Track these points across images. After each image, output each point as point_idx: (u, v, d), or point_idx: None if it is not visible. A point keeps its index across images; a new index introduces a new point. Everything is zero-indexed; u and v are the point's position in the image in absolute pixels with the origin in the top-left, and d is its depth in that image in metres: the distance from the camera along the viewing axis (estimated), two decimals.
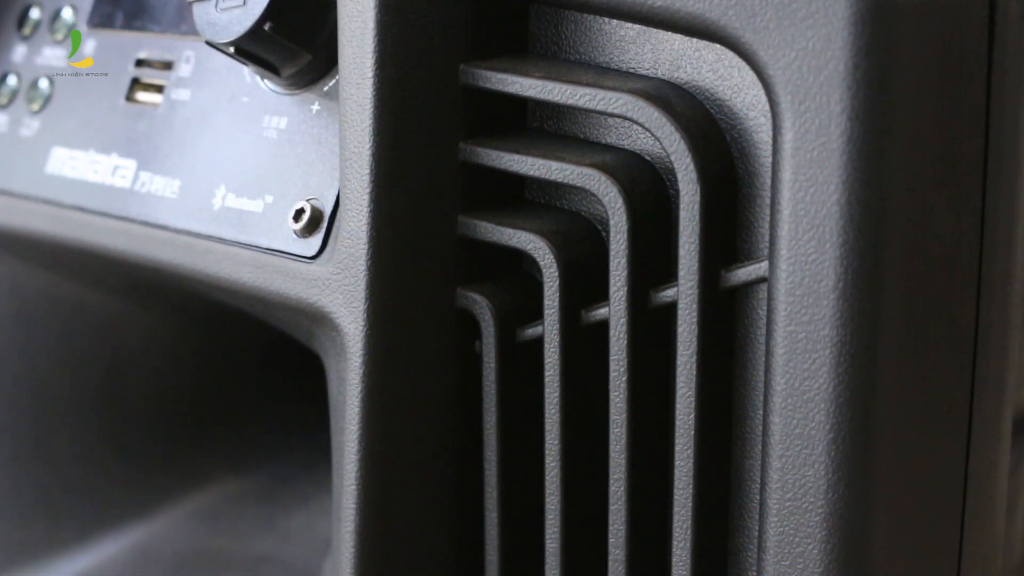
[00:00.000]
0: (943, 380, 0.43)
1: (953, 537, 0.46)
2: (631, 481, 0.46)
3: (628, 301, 0.45)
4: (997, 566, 0.49)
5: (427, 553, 0.50)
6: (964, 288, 0.43)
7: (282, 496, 0.68)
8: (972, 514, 0.46)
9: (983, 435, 0.46)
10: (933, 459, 0.44)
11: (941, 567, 0.46)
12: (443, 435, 0.50)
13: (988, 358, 0.45)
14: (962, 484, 0.46)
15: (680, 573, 0.46)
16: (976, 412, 0.45)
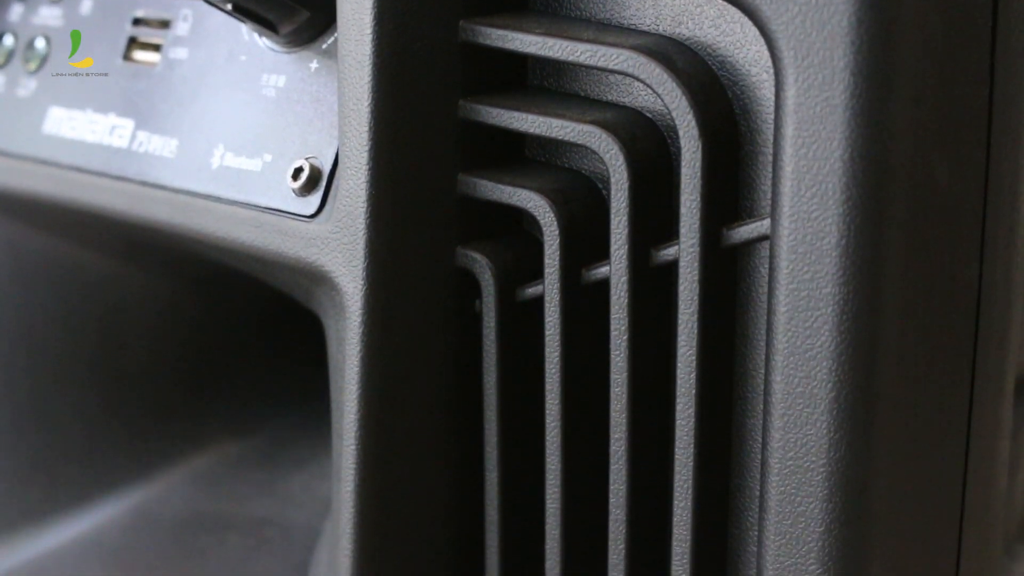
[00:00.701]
0: (945, 339, 0.43)
1: (955, 496, 0.46)
2: (632, 440, 0.46)
3: (629, 259, 0.45)
4: (998, 525, 0.49)
5: (427, 512, 0.50)
6: (967, 247, 0.43)
7: (281, 459, 0.68)
8: (974, 473, 0.46)
9: (985, 394, 0.45)
10: (935, 418, 0.44)
11: (943, 525, 0.46)
12: (443, 394, 0.49)
13: (991, 317, 0.44)
14: (964, 443, 0.45)
15: (681, 532, 0.46)
16: (979, 371, 0.45)
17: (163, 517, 0.66)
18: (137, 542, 0.65)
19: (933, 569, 0.46)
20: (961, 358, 0.44)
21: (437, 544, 0.51)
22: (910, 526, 0.44)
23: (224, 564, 0.62)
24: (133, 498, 0.67)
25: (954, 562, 0.47)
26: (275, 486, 0.66)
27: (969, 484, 0.46)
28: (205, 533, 0.64)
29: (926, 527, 0.45)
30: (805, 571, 0.43)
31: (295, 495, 0.66)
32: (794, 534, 0.43)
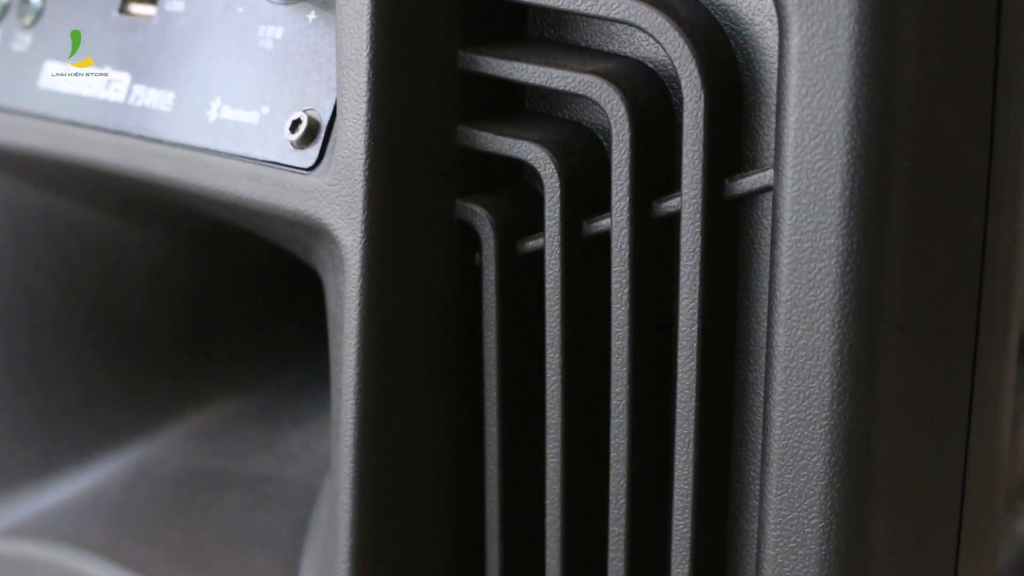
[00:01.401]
0: (950, 291, 0.43)
1: (958, 450, 0.45)
2: (633, 393, 0.46)
3: (630, 211, 0.44)
4: (1001, 481, 0.49)
5: (427, 467, 0.50)
6: (972, 198, 0.43)
7: (281, 416, 0.68)
8: (977, 428, 0.46)
9: (989, 348, 0.45)
10: (939, 371, 0.43)
11: (945, 480, 0.45)
12: (443, 348, 0.49)
13: (995, 268, 0.44)
14: (968, 398, 0.45)
15: (682, 487, 0.45)
16: (983, 324, 0.44)
17: (162, 474, 0.65)
18: (136, 499, 0.65)
19: (935, 524, 0.46)
20: (965, 310, 0.44)
21: (437, 498, 0.51)
22: (913, 481, 0.44)
23: (223, 521, 0.62)
24: (132, 455, 0.67)
25: (956, 517, 0.46)
26: (274, 443, 0.66)
27: (972, 438, 0.46)
28: (204, 490, 0.64)
29: (929, 482, 0.45)
30: (807, 525, 0.43)
31: (295, 452, 0.65)
32: (796, 488, 0.43)
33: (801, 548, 0.43)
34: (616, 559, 0.47)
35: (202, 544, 0.61)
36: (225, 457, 0.66)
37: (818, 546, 0.43)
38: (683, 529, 0.46)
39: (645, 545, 0.48)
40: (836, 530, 0.42)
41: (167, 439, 0.67)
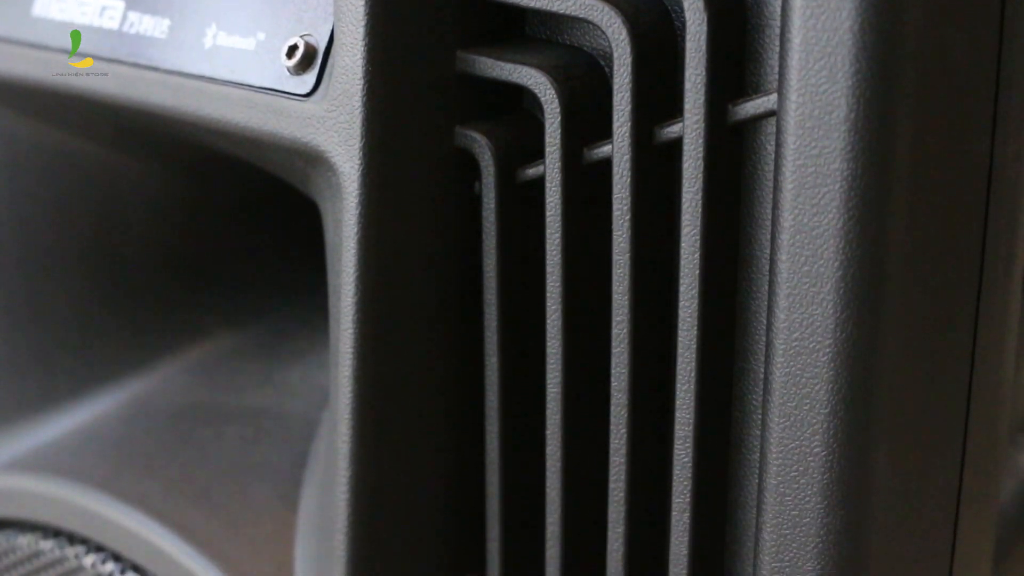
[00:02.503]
0: (956, 217, 0.42)
1: (962, 381, 0.45)
2: (634, 321, 0.45)
3: (632, 137, 0.44)
4: (1005, 412, 0.49)
5: (426, 396, 0.50)
6: (979, 124, 0.42)
7: (279, 350, 0.67)
8: (981, 359, 0.45)
9: (995, 276, 0.45)
10: (944, 300, 0.43)
11: (949, 411, 0.45)
12: (442, 278, 0.48)
13: (1001, 197, 0.43)
14: (972, 328, 0.45)
15: (683, 416, 0.45)
16: (988, 252, 0.44)
17: (161, 408, 0.65)
18: (135, 433, 0.64)
19: (938, 455, 0.45)
20: (971, 237, 0.43)
21: (437, 426, 0.50)
22: (916, 411, 0.44)
23: (222, 454, 0.62)
24: (131, 389, 0.67)
25: (960, 449, 0.46)
26: (273, 377, 0.66)
27: (976, 369, 0.45)
28: (203, 424, 0.64)
29: (933, 412, 0.44)
30: (809, 454, 0.42)
31: (293, 386, 0.65)
32: (798, 416, 0.42)
33: (803, 477, 0.43)
34: (617, 490, 0.47)
35: (201, 477, 0.61)
36: (224, 391, 0.66)
37: (820, 475, 0.42)
38: (684, 459, 0.45)
39: (644, 480, 0.48)
40: (839, 459, 0.42)
41: (165, 373, 0.67)
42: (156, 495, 0.60)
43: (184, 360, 0.67)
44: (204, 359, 0.67)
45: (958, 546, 0.47)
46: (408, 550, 0.52)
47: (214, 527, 0.58)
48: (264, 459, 0.61)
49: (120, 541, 0.60)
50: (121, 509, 0.60)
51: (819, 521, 0.43)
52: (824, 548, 0.43)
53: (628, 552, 0.47)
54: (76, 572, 0.62)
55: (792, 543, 0.43)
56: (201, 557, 0.57)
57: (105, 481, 0.62)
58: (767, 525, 0.43)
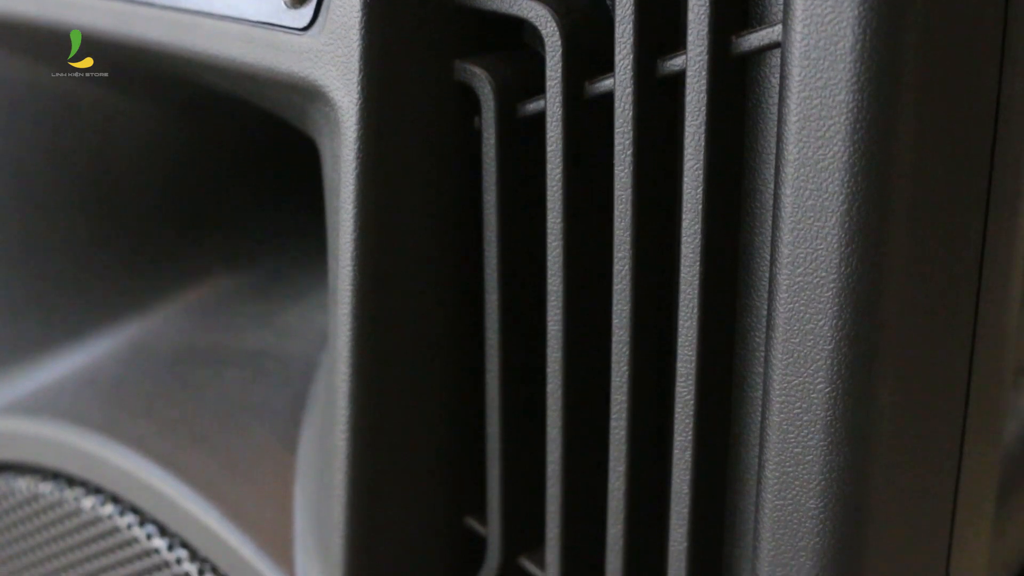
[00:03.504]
0: (962, 152, 0.41)
1: (967, 322, 0.45)
2: (636, 256, 0.45)
3: (634, 70, 0.43)
4: (1009, 355, 0.48)
5: (426, 332, 0.49)
6: (987, 54, 0.41)
7: (278, 292, 0.67)
8: (987, 298, 0.45)
9: (1001, 217, 0.44)
10: (950, 236, 0.42)
11: (954, 349, 0.44)
12: (441, 214, 0.48)
13: (1009, 129, 0.43)
14: (978, 269, 0.44)
15: (686, 352, 0.44)
16: (995, 189, 0.43)
17: (159, 350, 0.65)
18: (133, 375, 0.64)
19: (943, 394, 0.45)
20: (977, 172, 0.42)
21: (436, 367, 0.50)
22: (921, 346, 0.43)
23: (221, 396, 0.61)
24: (128, 332, 0.66)
25: (964, 387, 0.46)
26: (272, 319, 0.65)
27: (981, 311, 0.45)
28: (202, 366, 0.63)
29: (937, 350, 0.44)
30: (812, 390, 0.42)
31: (292, 327, 0.65)
32: (802, 353, 0.42)
33: (807, 415, 0.42)
34: (618, 428, 0.47)
35: (200, 419, 0.61)
36: (222, 333, 0.65)
37: (824, 412, 0.42)
38: (686, 396, 0.45)
39: (645, 418, 0.47)
40: (842, 395, 0.42)
41: (163, 315, 0.67)
42: (154, 437, 0.60)
43: (182, 302, 0.67)
44: (202, 301, 0.67)
45: (962, 485, 0.47)
46: (407, 491, 0.52)
47: (213, 468, 0.58)
48: (263, 400, 0.60)
49: (118, 483, 0.60)
50: (119, 451, 0.60)
51: (822, 459, 0.42)
52: (827, 486, 0.42)
53: (630, 490, 0.47)
54: (74, 514, 0.62)
55: (795, 481, 0.43)
56: (200, 498, 0.57)
57: (103, 423, 0.62)
58: (770, 463, 0.43)
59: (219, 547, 0.56)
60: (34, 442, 0.64)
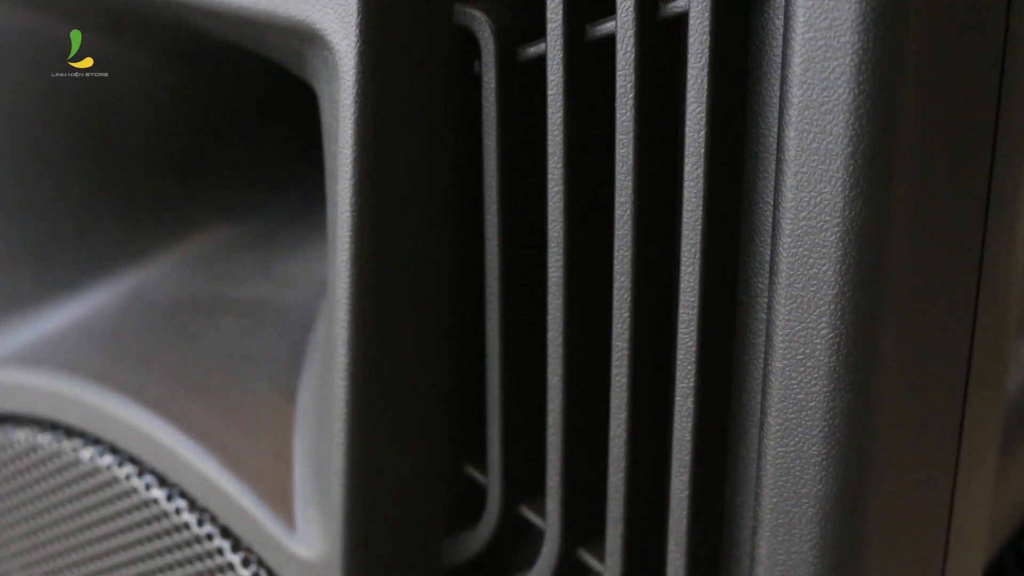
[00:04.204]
0: (969, 92, 0.41)
1: (973, 265, 0.44)
2: (638, 202, 0.44)
3: (636, 12, 0.42)
4: (1013, 305, 0.48)
5: (425, 280, 0.49)
6: None
7: (277, 242, 0.67)
8: (991, 250, 0.44)
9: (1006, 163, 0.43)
10: (957, 175, 0.42)
11: (958, 294, 0.44)
12: (440, 159, 0.47)
13: (1017, 70, 0.42)
14: (983, 217, 0.44)
15: (688, 298, 0.44)
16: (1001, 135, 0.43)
17: (157, 300, 0.64)
18: (131, 326, 0.64)
19: (947, 342, 0.45)
20: (984, 118, 0.42)
21: (437, 314, 0.49)
22: (926, 292, 0.43)
23: (220, 346, 0.61)
24: (126, 282, 0.66)
25: (968, 335, 0.45)
26: (270, 269, 0.65)
27: (987, 254, 0.44)
28: (200, 316, 0.63)
29: (942, 295, 0.43)
30: (816, 336, 0.42)
31: (291, 277, 0.64)
32: (805, 298, 0.41)
33: (810, 360, 0.42)
34: (619, 375, 0.46)
35: (198, 369, 0.60)
36: (221, 283, 0.65)
37: (827, 358, 0.42)
38: (688, 343, 0.44)
39: (647, 364, 0.47)
40: (846, 341, 0.41)
41: (161, 266, 0.66)
42: (153, 387, 0.60)
43: (180, 252, 0.66)
44: (201, 251, 0.66)
45: (965, 433, 0.47)
46: (407, 440, 0.51)
47: (212, 418, 0.58)
48: (262, 350, 0.60)
49: (117, 434, 0.60)
50: (118, 402, 0.60)
51: (825, 404, 0.42)
52: (830, 431, 0.42)
53: (631, 437, 0.47)
54: (73, 465, 0.62)
55: (797, 427, 0.42)
56: (199, 448, 0.57)
57: (102, 374, 0.61)
58: (772, 409, 0.43)
59: (218, 496, 0.56)
60: (32, 393, 0.63)
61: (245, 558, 0.56)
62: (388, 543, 0.52)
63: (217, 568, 0.57)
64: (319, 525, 0.53)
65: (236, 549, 0.56)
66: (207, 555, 0.57)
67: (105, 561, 0.62)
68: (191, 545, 0.58)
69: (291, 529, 0.54)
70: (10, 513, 0.67)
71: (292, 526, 0.54)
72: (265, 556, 0.55)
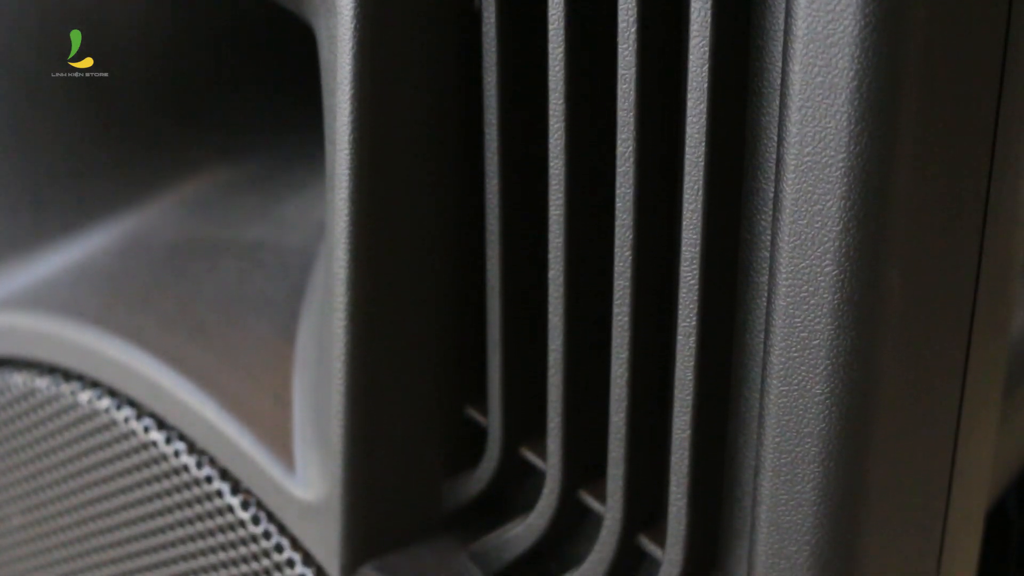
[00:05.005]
0: (978, 16, 0.40)
1: (978, 206, 0.44)
2: (640, 134, 0.44)
3: None
4: (1020, 244, 0.47)
5: (425, 221, 0.48)
6: None
7: (275, 184, 0.66)
8: (997, 188, 0.44)
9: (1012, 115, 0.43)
10: (962, 108, 0.41)
11: (964, 232, 0.44)
12: (440, 95, 0.47)
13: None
14: (990, 147, 0.43)
15: (691, 235, 0.43)
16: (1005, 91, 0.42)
17: (155, 243, 0.64)
18: (129, 268, 0.63)
19: (952, 280, 0.44)
20: (992, 45, 0.41)
21: (436, 254, 0.49)
22: (931, 229, 0.42)
23: (219, 288, 0.61)
24: (123, 225, 0.65)
25: (973, 275, 0.45)
26: (269, 211, 0.64)
27: (993, 193, 0.44)
28: (198, 258, 0.63)
29: (947, 233, 0.43)
30: (820, 273, 0.41)
31: (290, 219, 0.64)
32: (809, 235, 0.41)
33: (813, 298, 0.41)
34: (621, 313, 0.46)
35: (196, 311, 0.60)
36: (219, 225, 0.64)
37: (831, 295, 0.41)
38: (691, 281, 0.44)
39: (649, 302, 0.46)
40: (850, 278, 0.41)
41: (159, 208, 0.66)
42: (151, 329, 0.60)
43: (178, 195, 0.66)
44: (198, 194, 0.66)
45: (969, 374, 0.46)
46: (406, 380, 0.51)
47: (210, 360, 0.58)
48: (260, 292, 0.60)
49: (115, 377, 0.60)
50: (116, 344, 0.60)
51: (829, 343, 0.41)
52: (834, 369, 0.42)
53: (633, 378, 0.46)
54: (71, 409, 0.62)
55: (801, 365, 0.42)
56: (198, 390, 0.57)
57: (99, 317, 0.61)
58: (775, 347, 0.42)
59: (217, 439, 0.56)
60: (30, 336, 0.63)
61: (244, 500, 0.56)
62: (388, 485, 0.52)
63: (216, 510, 0.57)
64: (318, 467, 0.53)
65: (235, 491, 0.56)
66: (206, 497, 0.57)
67: (104, 504, 0.62)
68: (190, 487, 0.58)
69: (290, 471, 0.54)
70: (8, 457, 0.67)
71: (291, 468, 0.54)
72: (264, 498, 0.55)
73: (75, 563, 0.65)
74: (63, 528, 0.65)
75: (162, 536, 0.60)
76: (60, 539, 0.65)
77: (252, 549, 0.56)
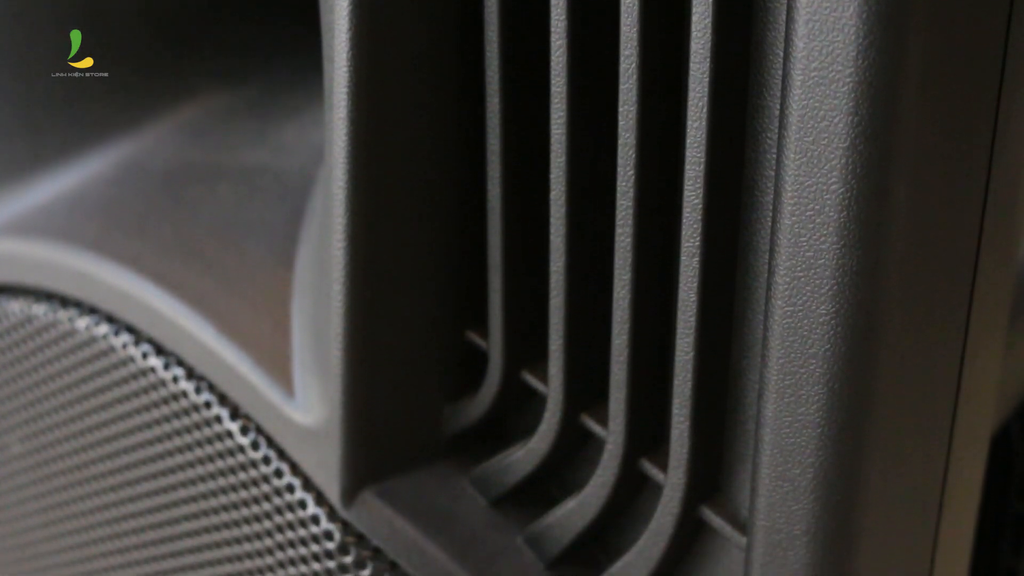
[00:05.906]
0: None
1: (987, 122, 0.43)
2: (643, 65, 0.43)
3: None
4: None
5: (424, 141, 0.48)
6: None
7: (273, 108, 0.65)
8: (1007, 99, 0.43)
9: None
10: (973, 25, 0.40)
11: (972, 153, 0.43)
12: (440, 10, 0.46)
13: None
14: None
15: (694, 154, 0.43)
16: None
17: (152, 168, 0.63)
18: (126, 194, 0.63)
19: (961, 196, 0.43)
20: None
21: (436, 174, 0.48)
22: (939, 147, 0.41)
23: (215, 213, 0.60)
24: (120, 150, 0.65)
25: (981, 195, 0.44)
26: (267, 135, 0.64)
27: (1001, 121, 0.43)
28: (195, 183, 0.62)
29: (955, 151, 0.42)
30: (826, 191, 0.40)
31: (288, 143, 0.63)
32: (815, 152, 0.40)
33: (819, 216, 0.41)
34: (623, 235, 0.45)
35: (194, 236, 0.59)
36: (216, 150, 0.64)
37: (837, 214, 0.40)
38: (694, 201, 0.43)
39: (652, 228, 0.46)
40: (856, 197, 0.40)
41: (156, 133, 0.65)
42: (149, 255, 0.59)
43: (175, 120, 0.65)
44: (195, 119, 0.65)
45: (976, 297, 0.46)
46: (406, 304, 0.51)
47: (208, 286, 0.57)
48: (259, 216, 0.59)
49: (113, 302, 0.59)
50: (113, 270, 0.59)
51: (835, 262, 0.41)
52: (839, 289, 0.41)
53: (635, 300, 0.46)
54: (69, 335, 0.61)
55: (806, 285, 0.41)
56: (196, 316, 0.56)
57: (97, 243, 0.61)
58: (780, 268, 0.42)
59: (216, 364, 0.55)
60: (26, 263, 0.62)
61: (243, 425, 0.56)
62: (387, 409, 0.52)
63: (215, 436, 0.56)
64: (318, 391, 0.52)
65: (234, 416, 0.56)
66: (205, 423, 0.57)
67: (103, 431, 0.62)
68: (189, 413, 0.57)
69: (290, 396, 0.54)
70: (6, 385, 0.66)
71: (291, 393, 0.54)
72: (263, 423, 0.55)
73: (74, 490, 0.64)
74: (62, 455, 0.64)
75: (161, 462, 0.59)
76: (59, 466, 0.65)
77: (251, 474, 0.55)
